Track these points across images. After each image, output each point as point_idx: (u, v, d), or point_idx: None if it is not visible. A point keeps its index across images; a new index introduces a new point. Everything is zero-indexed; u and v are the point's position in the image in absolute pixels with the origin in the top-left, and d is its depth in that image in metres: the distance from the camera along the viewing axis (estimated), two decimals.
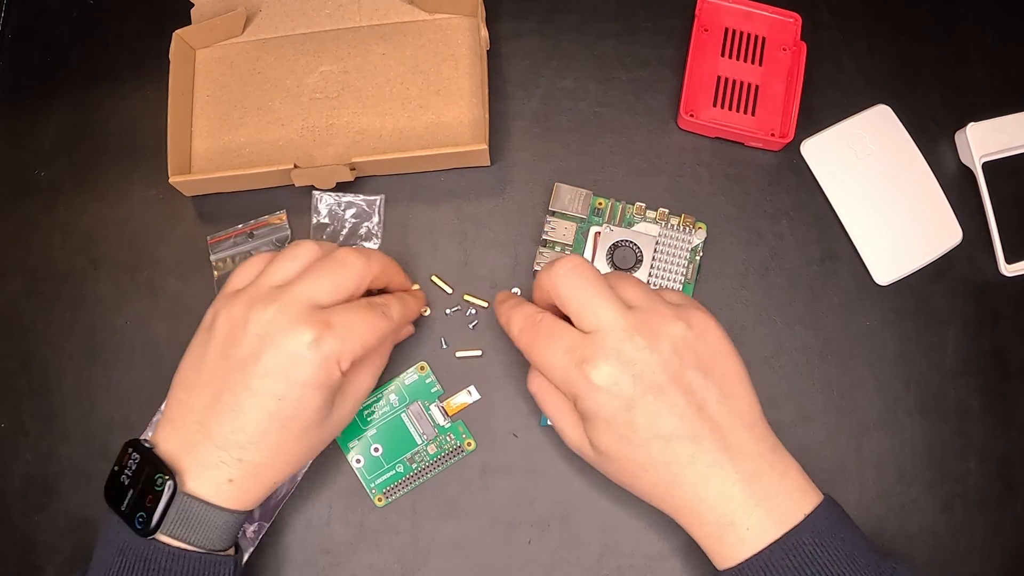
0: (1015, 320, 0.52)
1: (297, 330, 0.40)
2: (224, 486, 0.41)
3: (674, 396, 0.39)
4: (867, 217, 0.52)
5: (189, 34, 0.55)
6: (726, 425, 0.40)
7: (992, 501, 0.50)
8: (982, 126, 0.52)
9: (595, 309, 0.41)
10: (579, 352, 0.40)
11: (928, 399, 0.51)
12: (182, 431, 0.41)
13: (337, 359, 0.41)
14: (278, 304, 0.41)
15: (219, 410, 0.41)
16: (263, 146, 0.54)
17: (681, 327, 0.40)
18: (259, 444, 0.41)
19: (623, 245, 0.51)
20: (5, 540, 0.51)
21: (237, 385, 0.41)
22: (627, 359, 0.39)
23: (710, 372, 0.40)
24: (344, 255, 0.44)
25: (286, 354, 0.40)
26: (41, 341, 0.54)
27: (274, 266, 0.44)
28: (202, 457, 0.41)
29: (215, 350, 0.42)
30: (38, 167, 0.56)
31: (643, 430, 0.39)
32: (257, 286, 0.43)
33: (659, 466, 0.40)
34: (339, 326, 0.41)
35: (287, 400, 0.41)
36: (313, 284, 0.42)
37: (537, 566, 0.49)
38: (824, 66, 0.55)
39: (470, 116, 0.54)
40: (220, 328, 0.42)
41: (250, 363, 0.40)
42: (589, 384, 0.39)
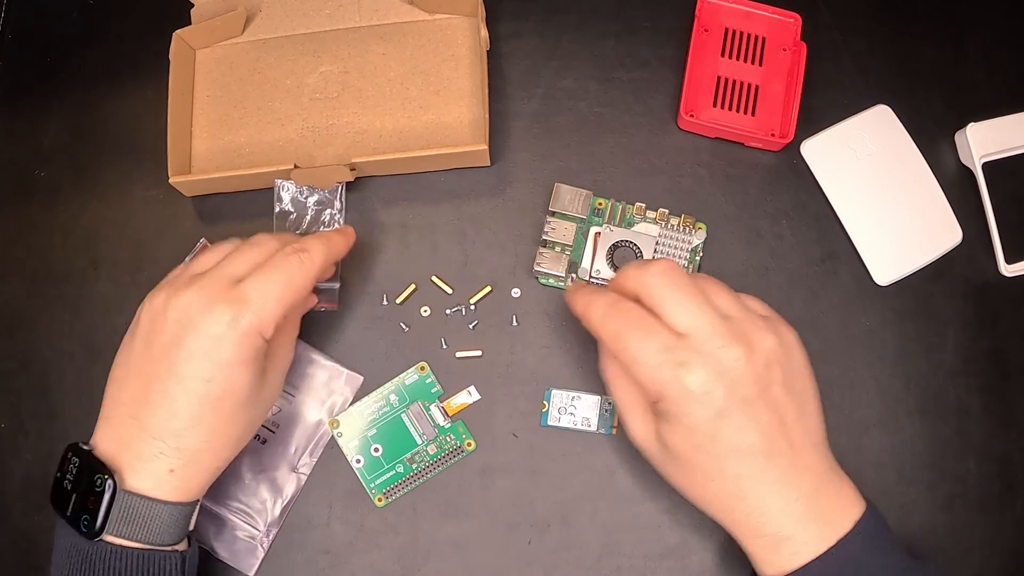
0: (1015, 320, 0.52)
1: (215, 310, 0.40)
2: (165, 477, 0.40)
3: (760, 411, 0.39)
4: (867, 217, 0.52)
5: (189, 34, 0.55)
6: (798, 443, 0.40)
7: (992, 501, 0.50)
8: (982, 126, 0.52)
9: (690, 310, 0.40)
10: (675, 354, 0.39)
11: (928, 399, 0.51)
12: (117, 427, 0.41)
13: (259, 330, 0.41)
14: (194, 287, 0.41)
15: (150, 400, 0.41)
16: (263, 146, 0.54)
17: (774, 340, 0.40)
18: (194, 429, 0.41)
19: (623, 245, 0.51)
20: (5, 540, 0.51)
21: (164, 373, 0.41)
22: (723, 368, 0.39)
23: (792, 389, 0.40)
24: (259, 235, 0.45)
25: (207, 336, 0.40)
26: (41, 341, 0.54)
27: (196, 260, 0.45)
28: (139, 450, 0.40)
29: (139, 342, 0.42)
30: (38, 167, 0.56)
31: (724, 442, 0.39)
32: (178, 277, 0.43)
33: (728, 478, 0.40)
34: (254, 296, 0.41)
35: (215, 381, 0.40)
36: (228, 262, 0.43)
37: (537, 566, 0.49)
38: (824, 66, 0.55)
39: (470, 116, 0.54)
40: (143, 320, 0.43)
41: (173, 349, 0.41)
42: (681, 388, 0.39)
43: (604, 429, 0.50)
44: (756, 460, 0.39)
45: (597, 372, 0.46)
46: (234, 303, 0.41)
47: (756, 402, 0.39)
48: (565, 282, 0.52)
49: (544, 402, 0.51)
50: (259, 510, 0.49)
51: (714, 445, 0.39)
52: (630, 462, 0.50)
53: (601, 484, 0.50)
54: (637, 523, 0.49)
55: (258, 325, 0.41)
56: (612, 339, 0.41)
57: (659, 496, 0.50)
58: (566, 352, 0.51)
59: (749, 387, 0.39)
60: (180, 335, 0.41)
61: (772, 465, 0.39)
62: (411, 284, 0.52)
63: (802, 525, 0.39)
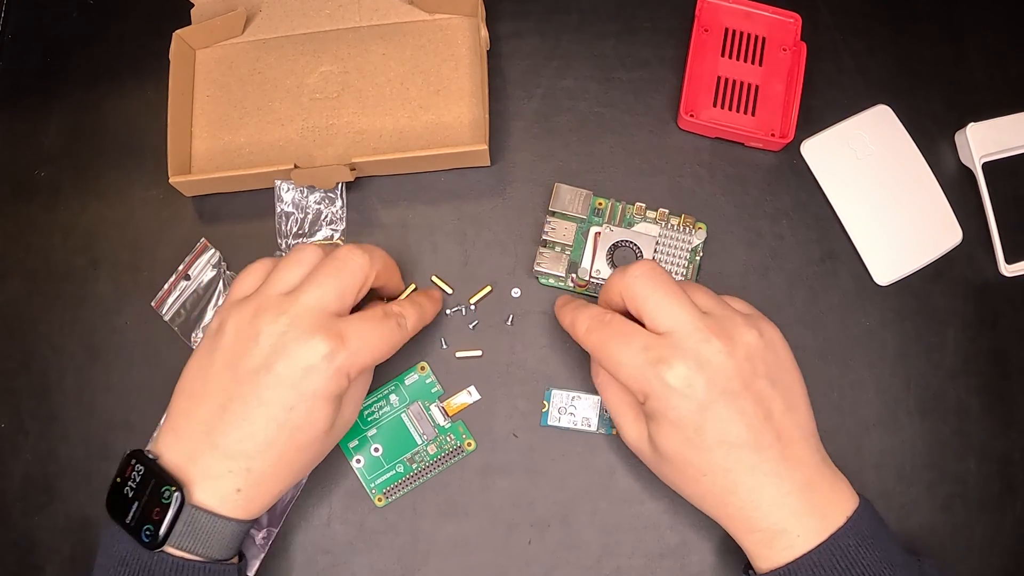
0: (1015, 320, 0.52)
1: (311, 342, 0.40)
2: (231, 496, 0.40)
3: (744, 403, 0.40)
4: (867, 217, 0.52)
5: (189, 34, 0.55)
6: (787, 436, 0.40)
7: (992, 501, 0.50)
8: (982, 126, 0.52)
9: (671, 309, 0.41)
10: (654, 352, 0.40)
11: (928, 399, 0.51)
12: (187, 441, 0.41)
13: (348, 371, 0.41)
14: (289, 315, 0.41)
15: (227, 419, 0.40)
16: (263, 146, 0.54)
17: (755, 335, 0.41)
18: (266, 453, 0.41)
19: (623, 245, 0.51)
20: (5, 540, 0.51)
21: (247, 395, 0.40)
22: (703, 361, 0.39)
23: (777, 382, 0.41)
24: (345, 253, 0.44)
25: (299, 366, 0.40)
26: (41, 341, 0.54)
27: (277, 273, 0.43)
28: (209, 467, 0.40)
29: (222, 360, 0.41)
30: (38, 167, 0.56)
31: (710, 435, 0.39)
32: (263, 295, 0.42)
33: (718, 472, 0.40)
34: (353, 338, 0.41)
35: (297, 410, 0.40)
36: (319, 289, 0.42)
37: (537, 566, 0.49)
38: (824, 66, 0.55)
39: (470, 116, 0.54)
40: (227, 338, 0.42)
41: (262, 373, 0.40)
42: (663, 384, 0.39)
43: (604, 429, 0.50)
44: (744, 453, 0.39)
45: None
46: (332, 339, 0.40)
47: (740, 395, 0.39)
48: (565, 282, 0.52)
49: (544, 402, 0.51)
50: None
51: (701, 438, 0.39)
52: (630, 462, 0.50)
53: (601, 484, 0.50)
54: (637, 523, 0.49)
55: (349, 366, 0.41)
56: (596, 349, 0.43)
57: (659, 496, 0.50)
58: (566, 352, 0.52)
59: (731, 380, 0.39)
60: (272, 360, 0.40)
61: (761, 458, 0.39)
62: (411, 284, 0.52)
63: (795, 518, 0.39)
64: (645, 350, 0.40)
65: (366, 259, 0.44)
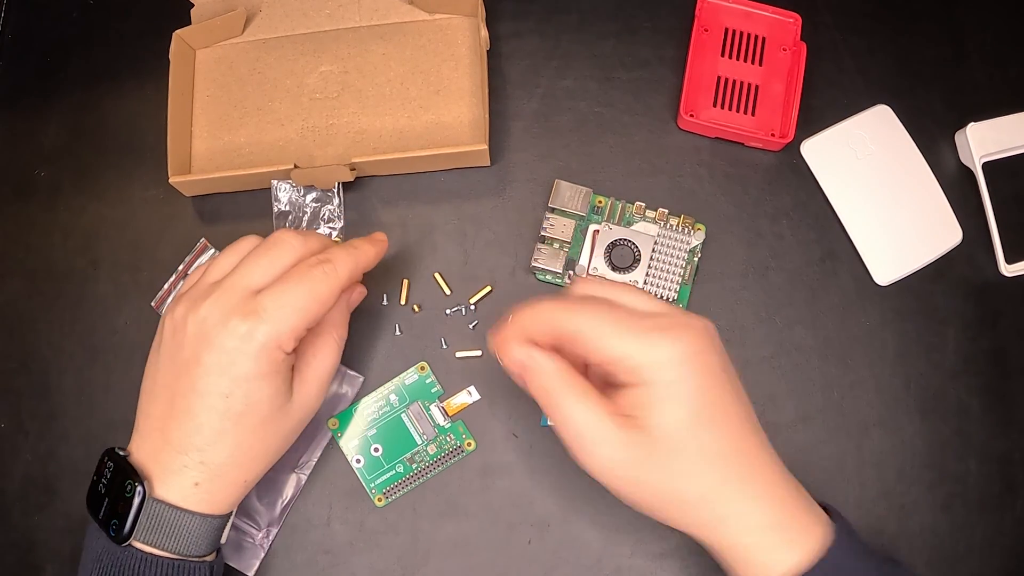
0: (1015, 320, 0.52)
1: (229, 324, 0.40)
2: (191, 490, 0.40)
3: (737, 384, 0.38)
4: (867, 217, 0.52)
5: (189, 34, 0.55)
6: (753, 440, 0.39)
7: (992, 501, 0.50)
8: (982, 126, 0.52)
9: (641, 297, 0.39)
10: (653, 320, 0.37)
11: (928, 399, 0.51)
12: (146, 438, 0.42)
13: (276, 344, 0.40)
14: (211, 299, 0.41)
15: (174, 415, 0.41)
16: (263, 146, 0.54)
17: (710, 322, 0.39)
18: (218, 444, 0.40)
19: (621, 244, 0.51)
20: (5, 540, 0.51)
21: (185, 388, 0.40)
22: (699, 331, 0.37)
23: (731, 370, 0.39)
24: (278, 235, 0.43)
25: (222, 350, 0.40)
26: (41, 341, 0.54)
27: (214, 263, 0.44)
28: (166, 463, 0.41)
29: (163, 356, 0.42)
30: (38, 167, 0.56)
31: (707, 412, 0.37)
32: (197, 286, 0.43)
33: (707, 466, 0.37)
34: (270, 307, 0.40)
35: (234, 396, 0.40)
36: (246, 270, 0.42)
37: (537, 566, 0.49)
38: (824, 66, 0.55)
39: (470, 116, 0.54)
40: (165, 333, 0.42)
41: (193, 364, 0.40)
42: (671, 349, 0.36)
43: None
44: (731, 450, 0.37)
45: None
46: (249, 316, 0.40)
47: (731, 371, 0.38)
48: (562, 278, 0.52)
49: None
50: (259, 510, 0.49)
51: (700, 414, 0.37)
52: None
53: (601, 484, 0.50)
54: (637, 523, 0.49)
55: (275, 339, 0.40)
56: (582, 328, 0.38)
57: None
58: None
59: (718, 355, 0.38)
60: (198, 350, 0.40)
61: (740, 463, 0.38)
62: (404, 279, 0.52)
63: (774, 533, 0.38)
64: (640, 318, 0.38)
65: (300, 238, 0.43)
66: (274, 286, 0.41)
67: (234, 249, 0.44)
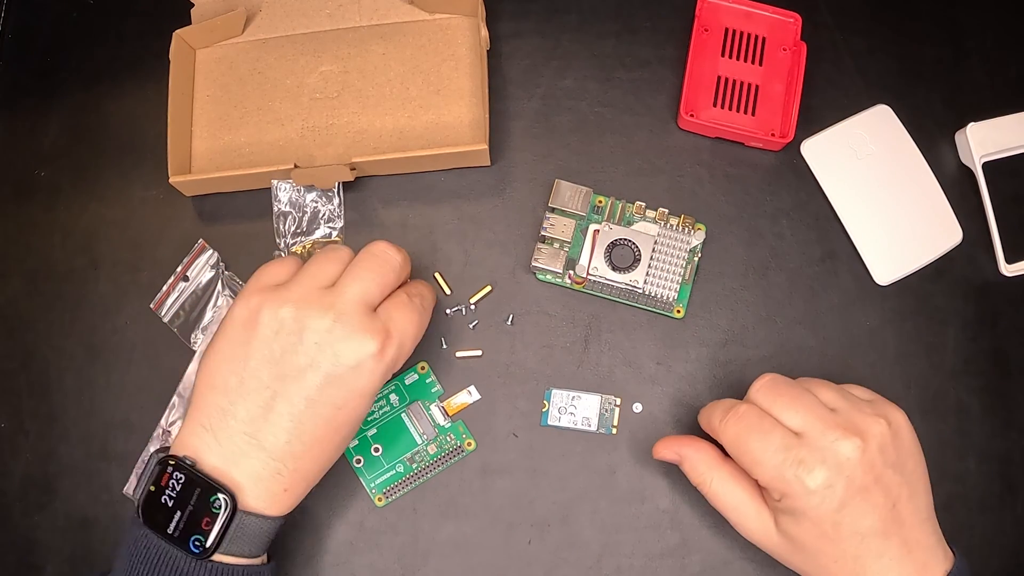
0: (1015, 320, 0.52)
1: (361, 339, 0.40)
2: (280, 496, 0.40)
3: (876, 496, 0.41)
4: (867, 217, 0.52)
5: (189, 34, 0.55)
6: (909, 521, 0.41)
7: (992, 501, 0.50)
8: (982, 126, 0.52)
9: (799, 410, 0.42)
10: (794, 452, 0.41)
11: (928, 399, 0.51)
12: (227, 442, 0.40)
13: (396, 364, 0.41)
14: (335, 311, 0.40)
15: (273, 420, 0.39)
16: (263, 146, 0.54)
17: (883, 426, 0.42)
18: (313, 451, 0.40)
19: (622, 244, 0.51)
20: (5, 540, 0.51)
21: (293, 395, 0.39)
22: (841, 462, 0.40)
23: (903, 469, 0.42)
24: (381, 249, 0.43)
25: (348, 364, 0.40)
26: (41, 341, 0.54)
27: (315, 266, 0.43)
28: (255, 470, 0.39)
29: (262, 355, 0.40)
30: (38, 167, 0.56)
31: (845, 528, 0.40)
32: (303, 287, 0.41)
33: (848, 559, 0.41)
34: (396, 331, 0.41)
35: (346, 409, 0.40)
36: (361, 283, 0.41)
37: (537, 566, 0.49)
38: (824, 66, 0.55)
39: (470, 116, 0.54)
40: (265, 330, 0.40)
41: (309, 373, 0.39)
42: (804, 487, 0.40)
43: (604, 429, 0.50)
44: (875, 540, 0.41)
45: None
46: (379, 334, 0.40)
47: (872, 488, 0.41)
48: (563, 278, 0.52)
49: (544, 402, 0.51)
50: None
51: (837, 532, 0.41)
52: (630, 462, 0.50)
53: (601, 484, 0.50)
54: (637, 523, 0.49)
55: (397, 359, 0.41)
56: (733, 441, 0.43)
57: (659, 496, 0.50)
58: (566, 352, 0.52)
59: (865, 475, 0.41)
60: (319, 360, 0.39)
61: (888, 544, 0.41)
62: None
63: None
64: (785, 450, 0.41)
65: (402, 255, 0.44)
66: (396, 310, 0.42)
67: (335, 257, 0.43)
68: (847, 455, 0.40)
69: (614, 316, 0.52)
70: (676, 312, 0.51)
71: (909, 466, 0.42)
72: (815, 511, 0.40)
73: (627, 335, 0.52)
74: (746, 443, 0.42)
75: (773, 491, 0.42)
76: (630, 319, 0.52)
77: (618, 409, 0.51)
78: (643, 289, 0.51)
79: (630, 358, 0.51)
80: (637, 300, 0.51)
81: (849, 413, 0.42)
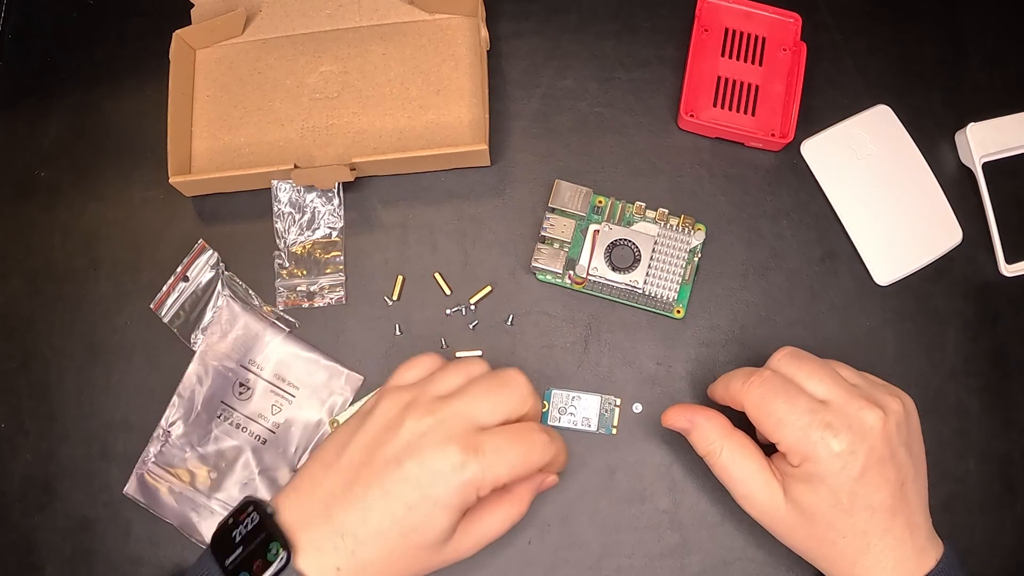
0: (1015, 320, 0.52)
1: (447, 448, 0.40)
2: (331, 572, 0.40)
3: (889, 471, 0.41)
4: (867, 217, 0.52)
5: (189, 34, 0.55)
6: (914, 503, 0.42)
7: (992, 501, 0.50)
8: (982, 126, 0.52)
9: (823, 380, 0.43)
10: (821, 416, 0.41)
11: (928, 399, 0.51)
12: (306, 505, 0.41)
13: (478, 486, 0.40)
14: (435, 417, 0.41)
15: (347, 498, 0.40)
16: (263, 146, 0.54)
17: (899, 404, 0.43)
18: (375, 543, 0.40)
19: (621, 244, 0.51)
20: (5, 540, 0.51)
21: (372, 481, 0.40)
22: (866, 429, 0.41)
23: (911, 451, 0.43)
24: (511, 376, 0.43)
25: (428, 468, 0.40)
26: (41, 341, 0.54)
27: (441, 374, 0.43)
28: (318, 538, 0.40)
29: (362, 441, 0.41)
30: (38, 167, 0.56)
31: (860, 499, 0.41)
32: (422, 390, 0.42)
33: (856, 534, 0.41)
34: (489, 451, 0.40)
35: (415, 511, 0.40)
36: (474, 401, 0.42)
37: (537, 566, 0.49)
38: (824, 66, 0.55)
39: (470, 116, 0.54)
40: (377, 421, 0.42)
41: (391, 465, 0.40)
42: (829, 449, 0.41)
43: (604, 429, 0.50)
44: (883, 517, 0.41)
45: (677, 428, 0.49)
46: (467, 450, 0.40)
47: (888, 462, 0.41)
48: (563, 278, 0.52)
49: (544, 402, 0.51)
50: None
51: (852, 503, 0.41)
52: (630, 462, 0.50)
53: (601, 484, 0.50)
54: (637, 523, 0.49)
55: (480, 481, 0.40)
56: (757, 403, 0.43)
57: (659, 496, 0.50)
58: (566, 352, 0.52)
59: (884, 448, 0.41)
60: (403, 456, 0.40)
61: (895, 523, 0.41)
62: (398, 276, 0.52)
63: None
64: (811, 413, 0.41)
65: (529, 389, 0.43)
66: (499, 434, 0.41)
67: (464, 370, 0.44)
68: (871, 424, 0.41)
69: (614, 316, 0.52)
70: (676, 312, 0.51)
71: (915, 450, 0.43)
72: (835, 477, 0.41)
73: (627, 335, 0.52)
74: (771, 404, 0.42)
75: (794, 455, 0.42)
76: (630, 319, 0.52)
77: (618, 409, 0.51)
78: (643, 289, 0.51)
79: (630, 358, 0.51)
80: (637, 300, 0.51)
81: (869, 389, 0.43)
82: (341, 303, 0.52)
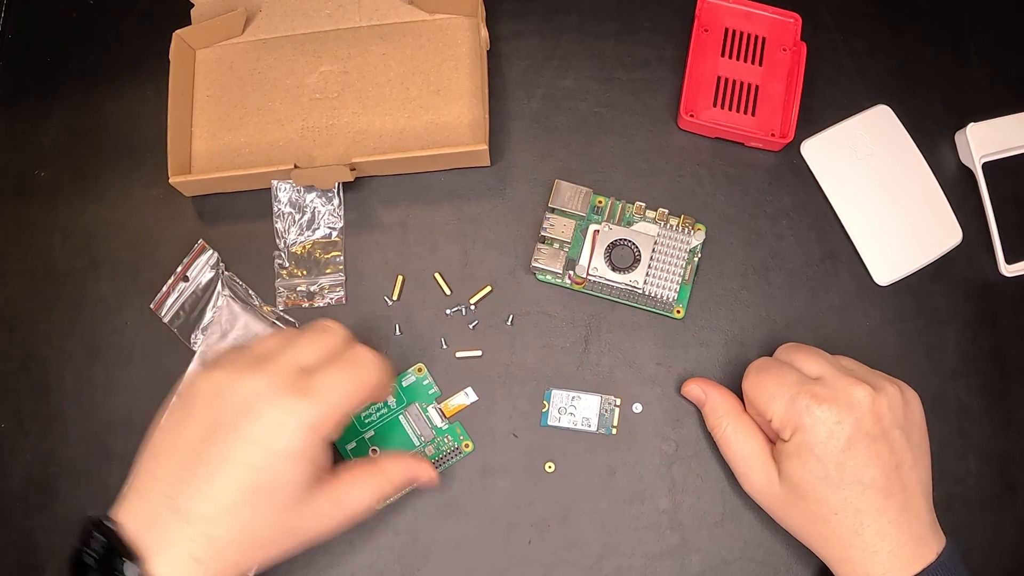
0: (1015, 320, 0.52)
1: (278, 399, 0.39)
2: (188, 564, 0.38)
3: (881, 448, 0.42)
4: (867, 217, 0.52)
5: (189, 34, 0.55)
6: (912, 489, 0.43)
7: (992, 501, 0.50)
8: (982, 126, 0.52)
9: (818, 361, 0.45)
10: (808, 387, 0.43)
11: (928, 399, 0.51)
12: (148, 504, 0.39)
13: (319, 425, 0.40)
14: (261, 372, 0.40)
15: (190, 480, 0.39)
16: (263, 146, 0.54)
17: (896, 389, 0.44)
18: (227, 518, 0.39)
19: (621, 244, 0.51)
20: (5, 540, 0.51)
21: (213, 455, 0.39)
22: (853, 403, 0.42)
23: (910, 438, 0.44)
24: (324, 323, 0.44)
25: (268, 424, 0.39)
26: (41, 341, 0.54)
27: (260, 341, 0.43)
28: (166, 533, 0.38)
29: (193, 420, 0.40)
30: (38, 167, 0.56)
31: (848, 472, 0.42)
32: (241, 357, 0.42)
33: (848, 512, 0.42)
34: (320, 386, 0.40)
35: (262, 471, 0.39)
36: (297, 350, 0.41)
37: (537, 566, 0.49)
38: (824, 66, 0.55)
39: (470, 116, 0.54)
40: (200, 398, 0.41)
41: (229, 430, 0.39)
42: (814, 418, 0.42)
43: (604, 429, 0.50)
44: (876, 495, 0.42)
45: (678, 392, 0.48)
46: (298, 392, 0.39)
47: (879, 440, 0.42)
48: (563, 279, 0.52)
49: (544, 402, 0.51)
50: None
51: (840, 476, 0.42)
52: (630, 462, 0.50)
53: (601, 484, 0.50)
54: (637, 523, 0.49)
55: (319, 418, 0.40)
56: (752, 384, 0.46)
57: (659, 496, 0.50)
58: (566, 352, 0.52)
59: (874, 425, 0.42)
60: (239, 419, 0.39)
61: (889, 504, 0.42)
62: (398, 275, 0.52)
63: (906, 570, 0.41)
64: (800, 384, 0.43)
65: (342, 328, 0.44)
66: (325, 368, 0.41)
67: (282, 334, 0.44)
68: (859, 399, 0.42)
69: (614, 316, 0.52)
70: (676, 312, 0.51)
71: (915, 438, 0.44)
72: (822, 447, 0.42)
73: (627, 335, 0.52)
74: (763, 381, 0.45)
75: (785, 428, 0.43)
76: (630, 319, 0.52)
77: (618, 409, 0.51)
78: (643, 289, 0.51)
79: (630, 358, 0.51)
80: (637, 300, 0.51)
81: (866, 374, 0.45)
82: (341, 303, 0.52)
